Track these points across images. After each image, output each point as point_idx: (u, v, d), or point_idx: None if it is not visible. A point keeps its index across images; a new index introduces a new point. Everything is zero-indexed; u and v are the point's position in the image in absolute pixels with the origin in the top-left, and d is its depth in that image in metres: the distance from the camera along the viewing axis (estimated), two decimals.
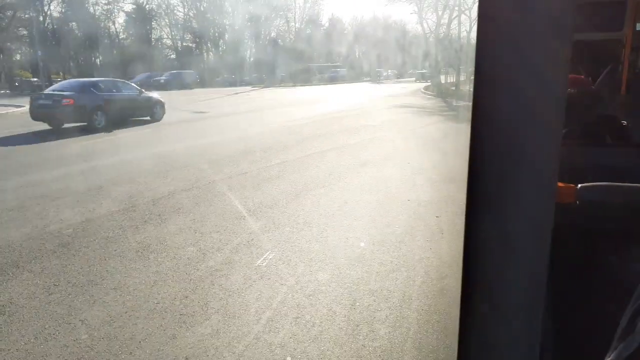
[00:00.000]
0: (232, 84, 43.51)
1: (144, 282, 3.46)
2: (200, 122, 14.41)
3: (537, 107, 0.49)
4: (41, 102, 12.23)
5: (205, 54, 56.56)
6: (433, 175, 6.73)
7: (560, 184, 1.17)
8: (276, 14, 59.27)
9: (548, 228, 0.51)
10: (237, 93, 29.81)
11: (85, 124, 12.31)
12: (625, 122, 2.37)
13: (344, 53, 54.70)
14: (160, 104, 14.52)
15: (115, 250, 4.06)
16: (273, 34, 60.90)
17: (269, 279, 3.45)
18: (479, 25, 0.48)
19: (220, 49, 57.36)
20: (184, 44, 56.69)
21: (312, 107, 18.69)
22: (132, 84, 14.80)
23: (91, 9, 51.68)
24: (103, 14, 52.30)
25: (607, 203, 1.17)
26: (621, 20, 3.34)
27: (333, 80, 44.58)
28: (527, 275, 0.53)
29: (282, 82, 43.59)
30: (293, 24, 60.99)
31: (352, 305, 3.05)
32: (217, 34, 56.76)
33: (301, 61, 49.99)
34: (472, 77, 0.55)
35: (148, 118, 14.08)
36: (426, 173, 6.91)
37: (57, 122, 12.27)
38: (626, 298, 0.53)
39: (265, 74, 45.77)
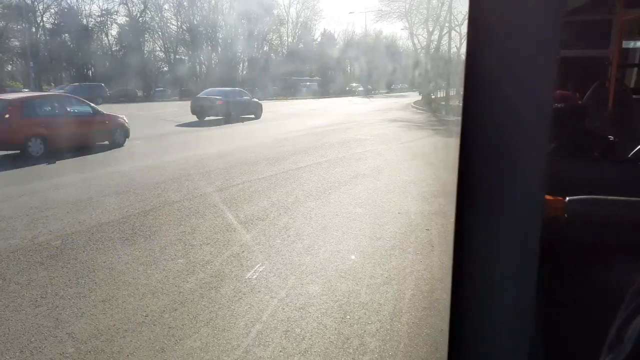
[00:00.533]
0: None
1: (132, 294, 3.43)
2: (182, 135, 14.40)
3: (524, 121, 0.50)
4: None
5: (198, 66, 56.78)
6: (423, 188, 6.78)
7: (549, 197, 1.19)
8: (269, 28, 59.77)
9: (536, 239, 0.52)
10: None
11: None
12: (612, 137, 2.41)
13: (335, 67, 55.17)
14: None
15: (104, 262, 4.02)
16: (266, 48, 61.39)
17: (259, 291, 3.44)
18: (468, 43, 0.49)
19: (213, 62, 57.62)
20: (177, 56, 56.89)
21: (303, 120, 18.78)
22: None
23: (84, 21, 51.72)
24: (96, 25, 52.38)
25: (595, 215, 1.20)
26: (608, 38, 3.40)
27: (310, 92, 44.77)
28: (516, 286, 0.53)
29: (274, 96, 43.81)
30: (286, 38, 61.53)
31: (342, 318, 3.04)
32: (210, 47, 57.07)
33: (294, 75, 50.32)
34: (462, 92, 0.56)
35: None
36: (417, 186, 6.95)
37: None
38: (615, 309, 0.54)
39: (257, 87, 45.96)
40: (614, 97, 3.32)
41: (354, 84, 34.51)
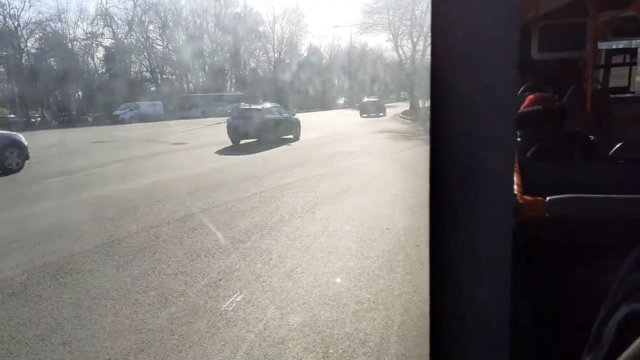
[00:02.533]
0: (209, 115, 43.46)
1: (97, 334, 3.13)
2: (176, 154, 14.13)
3: (490, 126, 0.51)
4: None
5: (185, 85, 56.67)
6: (411, 201, 6.56)
7: (530, 198, 1.21)
8: (255, 45, 60.09)
9: (508, 241, 0.53)
10: (218, 123, 29.60)
11: None
12: (591, 137, 2.46)
13: (323, 81, 55.35)
14: None
15: (70, 298, 3.72)
16: (253, 65, 61.59)
17: (235, 325, 3.16)
18: (432, 52, 0.51)
19: (200, 80, 57.56)
20: (164, 76, 56.76)
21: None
22: None
23: (69, 45, 51.54)
24: (81, 49, 52.20)
25: (576, 214, 1.21)
26: (583, 40, 3.45)
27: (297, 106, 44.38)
28: (491, 286, 0.54)
29: None
30: (272, 54, 61.78)
31: (324, 353, 2.77)
32: (196, 66, 57.09)
33: (283, 91, 50.36)
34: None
35: None
36: (405, 199, 6.74)
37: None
38: (598, 308, 0.54)
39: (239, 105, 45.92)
40: (592, 97, 3.34)
41: (342, 99, 34.38)
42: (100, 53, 53.86)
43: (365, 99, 35.46)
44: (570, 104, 3.36)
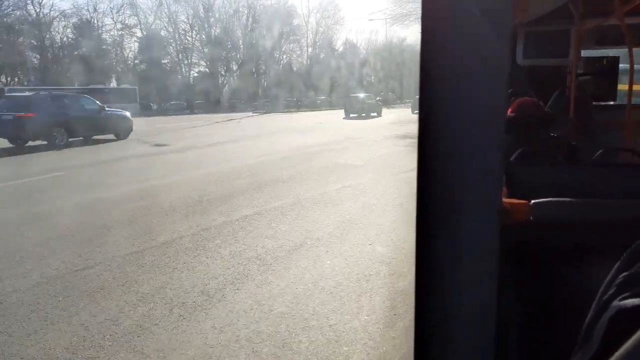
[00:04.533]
0: (234, 109, 41.52)
1: None
2: (146, 158, 11.79)
3: (479, 130, 0.51)
4: None
5: (219, 78, 55.21)
6: (404, 281, 3.79)
7: (515, 201, 1.23)
8: (288, 39, 57.98)
9: (494, 244, 0.54)
10: (230, 120, 27.42)
11: None
12: (574, 143, 2.52)
13: (356, 78, 52.53)
14: None
15: None
16: (285, 59, 59.49)
17: None
18: (421, 55, 0.51)
19: (234, 73, 55.88)
20: (200, 69, 55.51)
21: (298, 136, 15.93)
22: None
23: (103, 35, 50.99)
24: (115, 39, 51.51)
25: (560, 218, 1.22)
26: (567, 47, 3.48)
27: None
28: (477, 288, 0.54)
29: (286, 108, 41.39)
30: (306, 48, 59.45)
31: None
32: (229, 59, 55.51)
33: (313, 88, 47.99)
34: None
35: None
36: (394, 273, 3.97)
37: None
38: (582, 310, 0.53)
39: (269, 100, 43.81)
40: (575, 104, 3.40)
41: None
42: (133, 44, 52.97)
43: (353, 95, 29.92)
44: (554, 109, 3.36)
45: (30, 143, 13.48)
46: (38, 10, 44.81)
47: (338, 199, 6.60)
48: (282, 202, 6.37)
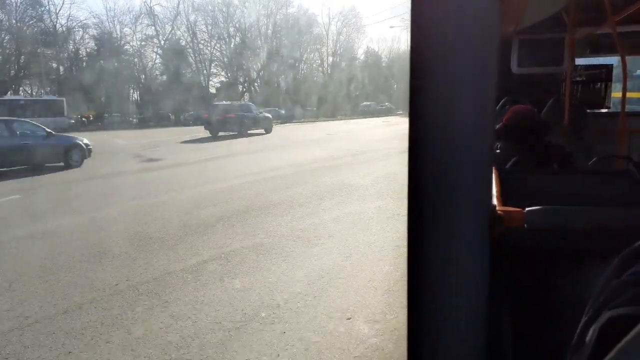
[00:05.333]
0: None
1: None
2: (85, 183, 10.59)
3: (467, 136, 0.51)
4: None
5: (240, 87, 54.59)
6: None
7: (509, 209, 1.23)
8: (307, 48, 57.07)
9: (485, 250, 0.54)
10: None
11: None
12: (569, 150, 2.48)
13: (380, 87, 51.07)
14: None
15: None
16: (306, 69, 58.55)
17: None
18: (411, 62, 0.51)
19: (254, 83, 55.08)
20: (220, 79, 54.98)
21: (305, 150, 14.53)
22: None
23: (125, 47, 51.14)
24: (135, 50, 51.56)
25: (554, 225, 1.21)
26: (561, 55, 3.46)
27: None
28: (469, 291, 0.54)
29: (303, 118, 40.20)
30: (326, 57, 58.28)
31: None
32: (250, 69, 54.86)
33: (333, 96, 46.75)
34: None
35: None
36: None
37: None
38: (575, 316, 0.52)
39: (289, 109, 42.74)
40: (569, 112, 3.42)
41: (386, 104, 29.45)
42: (154, 55, 52.89)
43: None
44: (548, 117, 3.36)
45: None
46: (55, 20, 45.15)
47: (326, 234, 5.12)
48: (246, 242, 4.93)
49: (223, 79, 55.26)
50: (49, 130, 11.86)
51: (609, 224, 1.17)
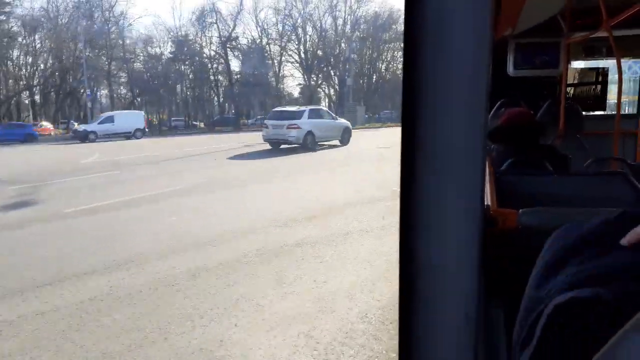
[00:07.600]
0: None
1: None
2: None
3: (460, 137, 0.52)
4: None
5: (323, 90, 52.15)
6: None
7: (502, 210, 1.26)
8: (386, 46, 53.04)
9: (478, 251, 0.54)
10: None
11: None
12: (565, 152, 2.52)
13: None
14: None
15: None
16: (386, 68, 54.53)
17: None
18: (404, 61, 0.51)
19: (334, 84, 52.28)
20: (299, 82, 53.14)
21: (283, 187, 10.49)
22: None
23: (204, 51, 50.88)
24: (217, 53, 51.01)
25: (546, 226, 1.11)
26: (557, 58, 3.51)
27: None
28: (462, 293, 0.54)
29: (383, 122, 36.52)
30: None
31: None
32: (328, 70, 52.06)
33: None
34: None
35: None
36: None
37: None
38: None
39: (369, 112, 39.32)
40: (565, 114, 3.47)
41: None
42: (233, 59, 51.81)
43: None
44: (544, 119, 3.41)
45: None
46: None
47: None
48: None
49: (301, 81, 53.16)
50: None
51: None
